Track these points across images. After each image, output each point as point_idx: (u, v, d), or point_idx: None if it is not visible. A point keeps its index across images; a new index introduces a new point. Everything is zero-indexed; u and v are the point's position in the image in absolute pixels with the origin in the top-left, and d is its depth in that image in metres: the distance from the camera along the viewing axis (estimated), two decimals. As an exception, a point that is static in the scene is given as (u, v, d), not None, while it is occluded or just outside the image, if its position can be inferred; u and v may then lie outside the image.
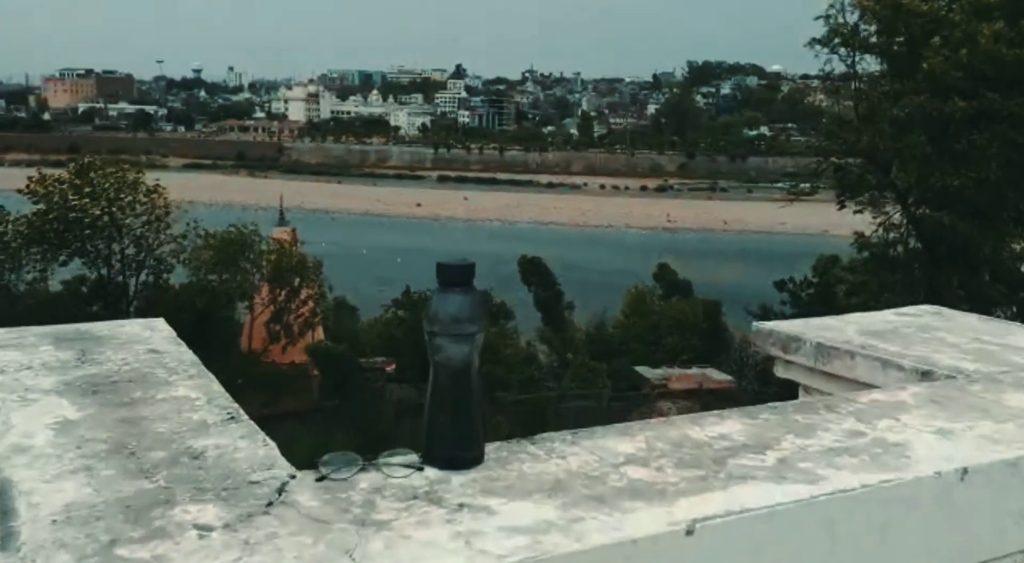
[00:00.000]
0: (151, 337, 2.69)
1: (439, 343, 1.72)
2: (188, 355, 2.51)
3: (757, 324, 3.06)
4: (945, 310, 3.37)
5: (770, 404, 2.16)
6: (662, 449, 1.86)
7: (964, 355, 2.72)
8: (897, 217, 19.69)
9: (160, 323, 2.87)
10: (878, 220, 20.29)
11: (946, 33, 18.45)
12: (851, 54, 21.17)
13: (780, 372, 3.04)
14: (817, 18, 19.94)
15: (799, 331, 2.94)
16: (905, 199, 20.05)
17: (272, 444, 1.86)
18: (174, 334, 2.74)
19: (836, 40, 20.04)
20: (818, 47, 20.18)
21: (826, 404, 2.19)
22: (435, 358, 1.73)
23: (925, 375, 2.57)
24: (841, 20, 20.23)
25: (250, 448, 1.83)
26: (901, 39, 19.98)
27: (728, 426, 2.00)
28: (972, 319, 3.26)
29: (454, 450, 1.75)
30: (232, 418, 2.00)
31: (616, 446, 1.87)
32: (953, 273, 18.30)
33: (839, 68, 21.84)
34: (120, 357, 2.46)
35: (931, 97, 17.64)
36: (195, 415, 2.02)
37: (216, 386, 2.23)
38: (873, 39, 20.40)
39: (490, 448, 1.81)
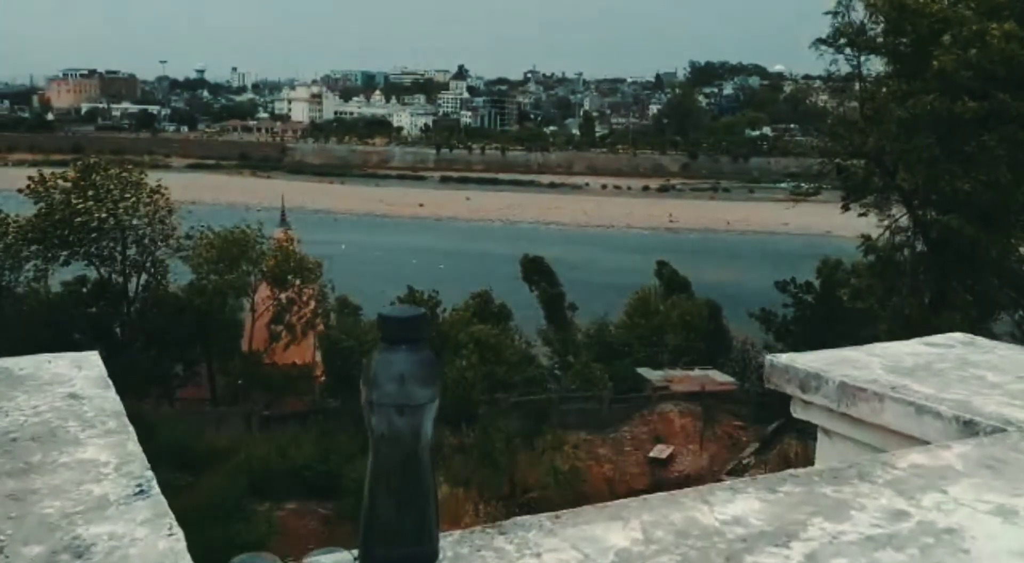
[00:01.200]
0: (76, 378, 2.34)
1: (381, 416, 1.36)
2: (112, 402, 2.16)
3: (772, 358, 2.70)
4: (979, 339, 3.01)
5: (792, 472, 1.79)
6: (662, 540, 1.50)
7: (1012, 400, 2.35)
8: (903, 220, 19.28)
9: (92, 358, 2.53)
10: (884, 223, 19.89)
11: (955, 32, 18.06)
12: (856, 55, 20.82)
13: (798, 413, 2.68)
14: (826, 13, 19.55)
15: (819, 367, 2.58)
16: (911, 202, 19.65)
17: (178, 533, 1.50)
18: (104, 373, 2.40)
19: (842, 40, 19.65)
20: (823, 47, 19.81)
21: (859, 470, 1.83)
22: (376, 433, 1.38)
23: (968, 426, 2.21)
24: (847, 19, 19.87)
25: (150, 539, 1.48)
26: (908, 40, 19.60)
27: (743, 504, 1.64)
28: (1011, 351, 2.88)
29: (399, 550, 1.39)
30: (140, 492, 1.65)
31: (605, 535, 1.51)
32: (959, 277, 17.88)
33: (844, 69, 21.50)
34: (32, 405, 2.11)
35: (940, 97, 17.22)
36: (97, 488, 1.67)
37: (132, 445, 1.88)
38: (879, 39, 20.01)
39: (447, 542, 1.46)
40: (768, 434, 37.86)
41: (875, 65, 21.32)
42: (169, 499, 1.61)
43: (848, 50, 20.09)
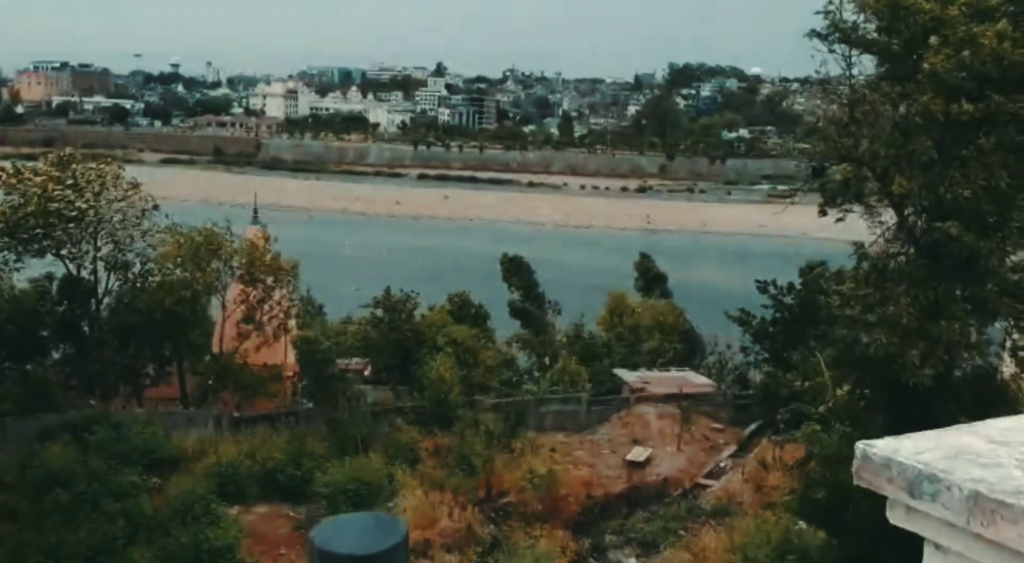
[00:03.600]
0: None
1: None
2: None
3: (866, 448, 2.00)
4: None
5: None
6: None
7: None
8: (896, 227, 18.71)
9: None
10: (876, 229, 19.32)
11: (947, 33, 17.53)
12: (848, 55, 20.21)
13: (898, 519, 1.98)
14: (817, 12, 18.93)
15: (936, 466, 1.89)
16: (901, 208, 19.11)
17: None
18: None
19: (835, 35, 19.03)
20: (815, 40, 19.18)
21: None
22: None
23: None
24: (840, 17, 19.26)
25: None
26: (900, 41, 19.05)
27: None
28: None
29: None
30: None
31: None
32: (958, 285, 17.34)
33: (834, 70, 20.88)
34: None
35: (935, 98, 16.68)
36: None
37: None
38: (872, 36, 19.42)
39: None
40: (745, 437, 37.48)
41: (865, 66, 20.75)
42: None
43: (840, 47, 19.48)
